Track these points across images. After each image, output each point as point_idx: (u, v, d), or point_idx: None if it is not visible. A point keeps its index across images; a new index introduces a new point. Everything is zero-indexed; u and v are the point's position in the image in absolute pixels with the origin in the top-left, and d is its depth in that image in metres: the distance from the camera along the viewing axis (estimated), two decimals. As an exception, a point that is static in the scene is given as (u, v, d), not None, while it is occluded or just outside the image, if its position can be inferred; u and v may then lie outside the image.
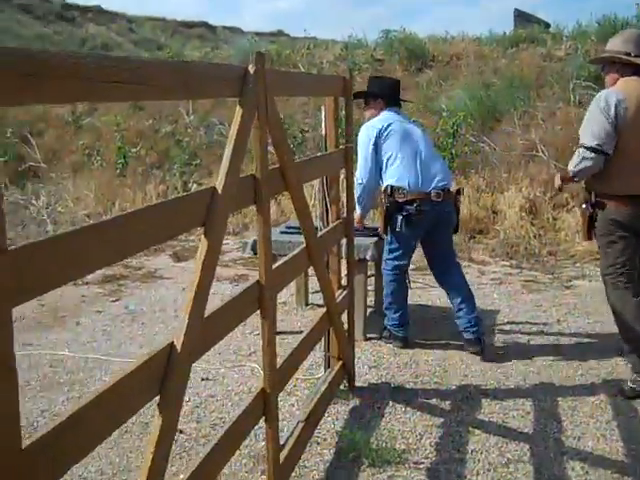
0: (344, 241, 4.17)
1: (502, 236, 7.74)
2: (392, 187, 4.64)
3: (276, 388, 2.82)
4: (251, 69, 2.53)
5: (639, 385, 4.09)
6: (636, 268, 4.16)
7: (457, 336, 4.86)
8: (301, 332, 3.67)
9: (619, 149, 4.00)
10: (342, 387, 4.12)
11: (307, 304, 5.84)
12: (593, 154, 4.01)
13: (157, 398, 1.94)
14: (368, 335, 5.09)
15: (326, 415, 3.81)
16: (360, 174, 4.72)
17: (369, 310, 5.68)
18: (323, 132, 3.99)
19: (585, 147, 4.06)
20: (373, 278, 5.73)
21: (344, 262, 4.37)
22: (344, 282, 4.49)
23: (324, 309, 3.70)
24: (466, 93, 10.04)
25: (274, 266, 2.88)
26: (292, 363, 3.14)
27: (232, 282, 6.57)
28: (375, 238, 5.10)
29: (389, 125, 4.63)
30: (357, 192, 4.74)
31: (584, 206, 4.24)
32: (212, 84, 2.34)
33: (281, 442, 2.96)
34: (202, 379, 4.36)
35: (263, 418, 2.75)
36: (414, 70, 11.84)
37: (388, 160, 4.66)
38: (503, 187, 8.50)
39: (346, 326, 4.17)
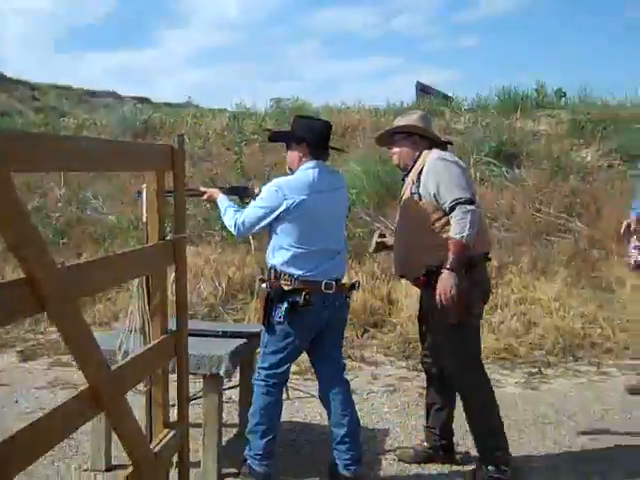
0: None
1: (398, 330, 6.82)
2: (277, 270, 3.73)
3: None
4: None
5: None
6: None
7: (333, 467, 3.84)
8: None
9: None
10: None
11: (108, 468, 4.04)
12: (474, 206, 3.65)
13: None
14: (224, 470, 4.00)
15: None
16: (242, 224, 3.79)
17: (233, 430, 4.63)
18: (144, 219, 2.98)
19: (462, 202, 3.62)
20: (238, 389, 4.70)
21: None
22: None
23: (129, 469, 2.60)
24: (361, 167, 9.23)
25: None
26: None
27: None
28: (233, 344, 4.05)
29: (302, 201, 3.64)
30: (226, 221, 3.91)
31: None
32: None
33: None
34: None
35: None
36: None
37: (284, 240, 3.72)
38: (400, 274, 7.63)
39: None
